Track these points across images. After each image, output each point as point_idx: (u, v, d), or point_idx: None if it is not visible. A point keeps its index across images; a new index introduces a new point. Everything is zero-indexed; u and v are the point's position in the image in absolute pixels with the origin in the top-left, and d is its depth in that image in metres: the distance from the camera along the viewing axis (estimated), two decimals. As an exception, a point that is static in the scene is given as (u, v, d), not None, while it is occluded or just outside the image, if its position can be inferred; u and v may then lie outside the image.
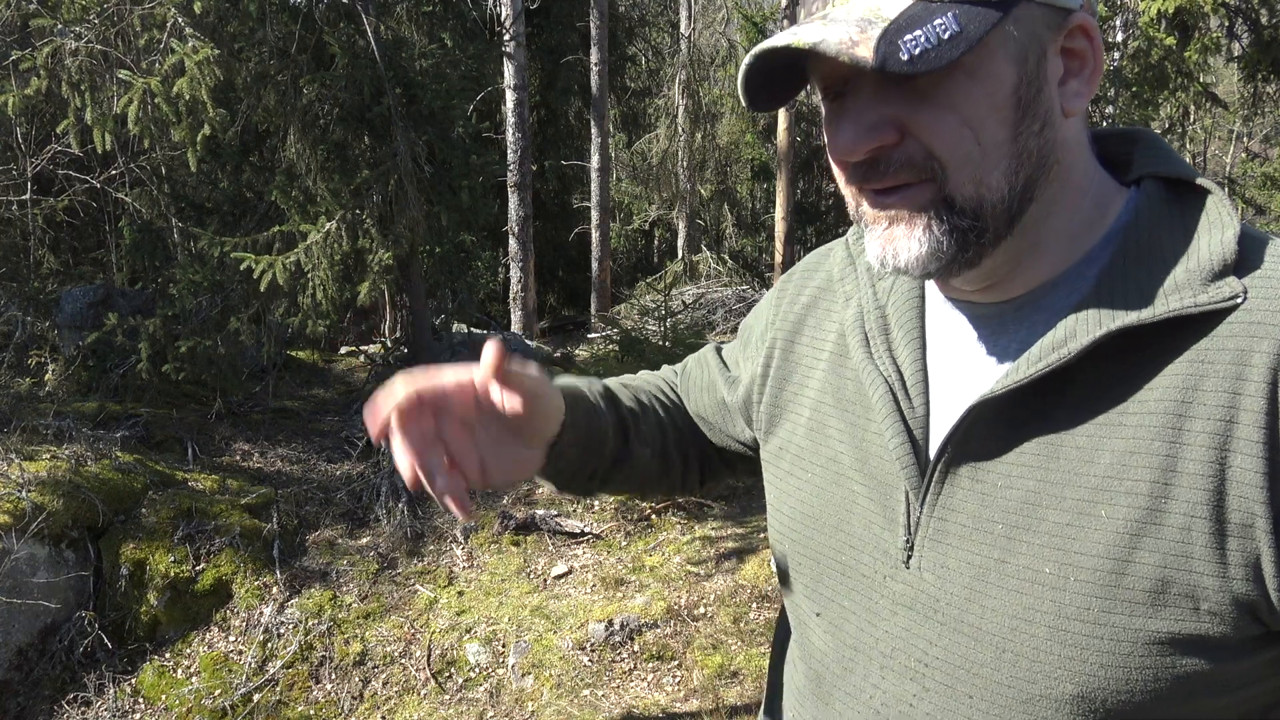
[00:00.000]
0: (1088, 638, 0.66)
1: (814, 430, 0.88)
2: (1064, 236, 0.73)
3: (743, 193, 14.95)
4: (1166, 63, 7.19)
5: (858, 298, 0.88)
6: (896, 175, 0.68)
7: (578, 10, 12.37)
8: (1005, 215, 0.69)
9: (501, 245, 11.34)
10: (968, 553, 0.73)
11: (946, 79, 0.65)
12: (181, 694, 3.94)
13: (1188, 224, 0.69)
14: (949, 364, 0.79)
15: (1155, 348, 0.66)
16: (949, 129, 0.66)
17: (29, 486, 4.24)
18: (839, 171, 0.73)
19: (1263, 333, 0.63)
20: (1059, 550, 0.68)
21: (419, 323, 6.71)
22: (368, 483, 5.16)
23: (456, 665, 4.03)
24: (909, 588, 0.77)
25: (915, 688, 0.76)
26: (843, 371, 0.87)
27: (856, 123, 0.68)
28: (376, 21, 5.66)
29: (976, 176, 0.67)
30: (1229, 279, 0.65)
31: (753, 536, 4.68)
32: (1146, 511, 0.64)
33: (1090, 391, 0.68)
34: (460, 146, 6.14)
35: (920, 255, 0.69)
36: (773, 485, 0.94)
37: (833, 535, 0.84)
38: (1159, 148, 0.76)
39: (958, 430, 0.74)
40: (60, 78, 4.69)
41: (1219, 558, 0.62)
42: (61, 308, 6.13)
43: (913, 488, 0.77)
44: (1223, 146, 16.46)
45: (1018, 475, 0.70)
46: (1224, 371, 0.63)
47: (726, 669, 3.81)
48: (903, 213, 0.69)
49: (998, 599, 0.70)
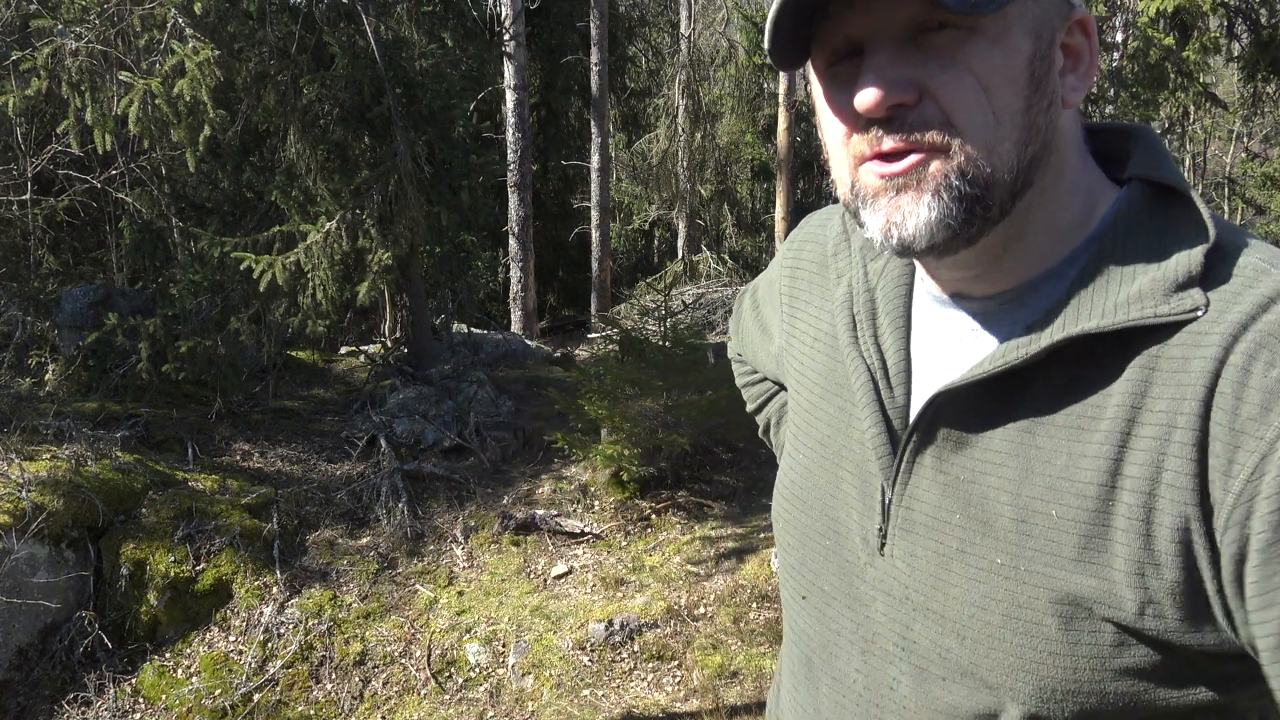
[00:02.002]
0: (1037, 625, 0.68)
1: (808, 410, 0.90)
2: (1052, 232, 0.73)
3: (743, 193, 14.96)
4: (1166, 63, 7.19)
5: (849, 276, 0.88)
6: (910, 137, 0.68)
7: (578, 10, 12.37)
8: (1010, 190, 0.69)
9: (501, 245, 11.35)
10: (933, 542, 0.75)
11: (966, 44, 0.66)
12: (181, 694, 3.94)
13: (1164, 232, 0.70)
14: (932, 355, 0.80)
15: (1115, 354, 0.67)
16: (967, 93, 0.66)
17: (29, 486, 4.24)
18: (838, 142, 0.72)
19: (1205, 341, 0.64)
20: (1012, 545, 0.70)
21: (419, 323, 6.71)
22: (368, 483, 5.16)
23: (456, 665, 4.03)
24: (885, 575, 0.78)
25: (894, 671, 0.78)
26: (833, 354, 0.88)
27: (880, 76, 0.67)
28: (376, 21, 5.66)
29: (989, 145, 0.67)
30: (1193, 291, 0.66)
31: (753, 536, 4.68)
32: (1093, 514, 0.66)
33: (1052, 392, 0.70)
34: (460, 146, 6.14)
35: (930, 221, 0.68)
36: (781, 464, 0.96)
37: (818, 518, 0.85)
38: (1155, 150, 0.76)
39: (921, 419, 0.75)
40: (60, 78, 4.69)
41: (1156, 559, 0.64)
42: (61, 308, 6.13)
43: (886, 476, 0.78)
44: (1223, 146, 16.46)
45: (979, 470, 0.72)
46: (1168, 378, 0.65)
47: (726, 669, 3.81)
48: (915, 176, 0.68)
49: (959, 587, 0.72)
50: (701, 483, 5.19)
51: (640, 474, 5.01)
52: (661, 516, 4.95)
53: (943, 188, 0.68)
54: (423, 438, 5.68)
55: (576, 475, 5.35)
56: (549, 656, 3.96)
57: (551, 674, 3.87)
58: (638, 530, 4.88)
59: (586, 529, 4.87)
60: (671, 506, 4.98)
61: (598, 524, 4.93)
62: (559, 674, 3.87)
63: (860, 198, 0.72)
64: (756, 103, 13.26)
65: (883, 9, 0.66)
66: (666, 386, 4.98)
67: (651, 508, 4.99)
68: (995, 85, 0.67)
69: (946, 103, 0.67)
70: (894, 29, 0.67)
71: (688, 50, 12.91)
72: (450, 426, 5.75)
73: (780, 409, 1.16)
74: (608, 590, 4.37)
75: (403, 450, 5.54)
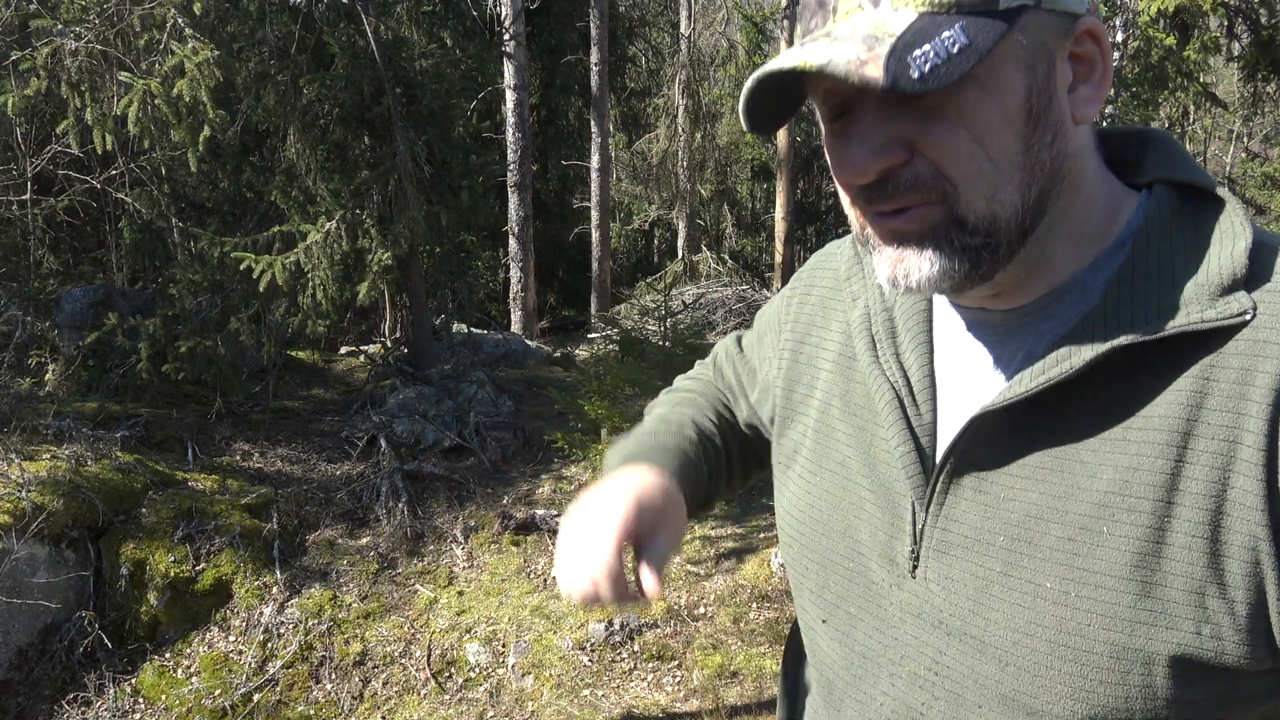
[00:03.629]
0: (1088, 654, 0.65)
1: (822, 434, 0.87)
2: (1073, 245, 0.71)
3: (743, 193, 14.96)
4: (1166, 63, 7.19)
5: (864, 298, 0.86)
6: (906, 196, 0.66)
7: (578, 10, 12.38)
8: (1018, 230, 0.67)
9: (501, 245, 11.35)
10: (972, 564, 0.72)
11: (956, 93, 0.63)
12: (181, 694, 3.94)
13: (1199, 234, 0.68)
14: (957, 371, 0.78)
15: (1161, 363, 0.65)
16: (960, 146, 0.64)
17: (29, 486, 4.24)
18: (844, 193, 0.72)
19: (1268, 351, 0.62)
20: (1061, 565, 0.67)
21: (419, 323, 6.71)
22: (368, 483, 5.16)
23: (456, 665, 4.03)
24: (915, 597, 0.76)
25: (925, 696, 0.75)
26: (850, 375, 0.85)
27: (864, 144, 0.65)
28: (376, 21, 5.66)
29: (989, 193, 0.65)
30: (1238, 294, 0.64)
31: (752, 536, 4.68)
32: (1149, 530, 0.64)
33: (1095, 406, 0.67)
34: (460, 146, 6.14)
35: (932, 275, 0.67)
36: (783, 489, 0.93)
37: (840, 541, 0.83)
38: (1173, 151, 0.74)
39: (960, 441, 0.73)
40: (60, 78, 4.69)
41: (1220, 579, 0.62)
42: (61, 308, 6.13)
43: (918, 497, 0.76)
44: (1223, 146, 16.46)
45: (1020, 488, 0.70)
46: (1228, 390, 0.62)
47: (726, 669, 3.81)
48: (913, 233, 0.67)
49: (1001, 612, 0.70)
50: (701, 483, 5.19)
51: (640, 474, 5.00)
52: (661, 516, 4.95)
53: (943, 241, 0.66)
54: (423, 438, 5.68)
55: (576, 475, 5.35)
56: (549, 656, 3.96)
57: (551, 674, 3.87)
58: (638, 530, 4.87)
59: (586, 529, 4.86)
60: (671, 506, 4.98)
61: (598, 524, 4.92)
62: (559, 674, 3.87)
63: (868, 243, 0.72)
64: (757, 102, 13.24)
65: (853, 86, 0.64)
66: (666, 386, 4.98)
67: (651, 508, 4.98)
68: (990, 133, 0.64)
69: (938, 158, 0.65)
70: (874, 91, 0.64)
71: (688, 50, 12.91)
72: (450, 426, 5.76)
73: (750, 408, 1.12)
74: (608, 590, 4.37)
75: (403, 450, 5.54)
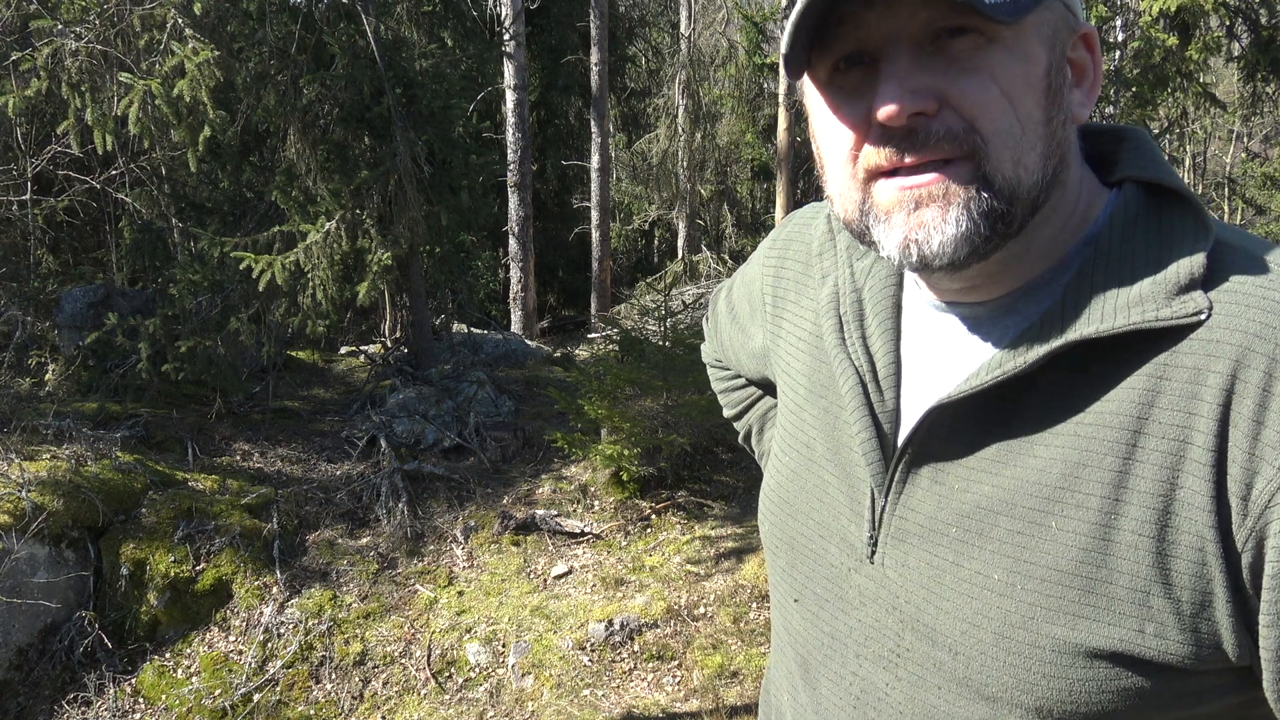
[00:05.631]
0: (1030, 646, 0.66)
1: (793, 413, 0.88)
2: (1052, 239, 0.71)
3: (743, 193, 14.96)
4: (1167, 63, 7.19)
5: (834, 277, 0.85)
6: (935, 148, 0.65)
7: (578, 10, 12.37)
8: (1031, 206, 0.66)
9: (501, 245, 11.35)
10: (926, 553, 0.72)
11: (985, 51, 0.64)
12: (181, 694, 3.94)
13: (1162, 233, 0.68)
14: (923, 359, 0.77)
15: (1115, 360, 0.65)
16: (992, 99, 0.64)
17: (29, 486, 4.24)
18: (846, 154, 0.69)
19: (1220, 351, 0.61)
20: (1008, 558, 0.67)
21: (419, 323, 6.72)
22: (368, 483, 5.16)
23: (456, 665, 4.03)
24: (874, 582, 0.76)
25: (889, 677, 0.76)
26: (818, 355, 0.85)
27: (901, 85, 0.64)
28: (376, 21, 5.66)
29: (1016, 155, 0.65)
30: (1195, 293, 0.63)
31: (752, 536, 4.68)
32: (1095, 526, 0.64)
33: (1049, 400, 0.68)
34: (460, 146, 6.14)
35: (955, 237, 0.65)
36: (766, 468, 0.94)
37: (804, 522, 0.84)
38: (1146, 150, 0.74)
39: (918, 430, 0.73)
40: (60, 78, 4.69)
41: (1166, 578, 0.62)
42: (61, 308, 6.14)
43: (878, 484, 0.76)
44: (1223, 146, 16.46)
45: (974, 479, 0.70)
46: (1180, 390, 0.62)
47: (726, 669, 3.81)
48: (938, 190, 0.65)
49: (952, 602, 0.70)
50: (701, 483, 5.19)
51: (640, 474, 5.01)
52: (661, 516, 4.95)
53: (972, 200, 0.65)
54: (423, 438, 5.68)
55: (576, 475, 5.35)
56: (549, 656, 3.96)
57: (551, 674, 3.87)
58: (638, 530, 4.88)
59: (586, 529, 4.87)
60: (671, 506, 4.98)
61: (597, 524, 4.93)
62: (559, 674, 3.87)
63: (872, 215, 0.69)
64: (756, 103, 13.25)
65: (905, 8, 0.63)
66: (666, 386, 4.98)
67: (651, 507, 4.99)
68: (1018, 93, 0.64)
69: (970, 110, 0.64)
70: (911, 35, 0.64)
71: (688, 50, 12.91)
72: (450, 426, 5.75)
73: (762, 416, 1.14)
74: (608, 590, 4.37)
75: (403, 450, 5.54)
